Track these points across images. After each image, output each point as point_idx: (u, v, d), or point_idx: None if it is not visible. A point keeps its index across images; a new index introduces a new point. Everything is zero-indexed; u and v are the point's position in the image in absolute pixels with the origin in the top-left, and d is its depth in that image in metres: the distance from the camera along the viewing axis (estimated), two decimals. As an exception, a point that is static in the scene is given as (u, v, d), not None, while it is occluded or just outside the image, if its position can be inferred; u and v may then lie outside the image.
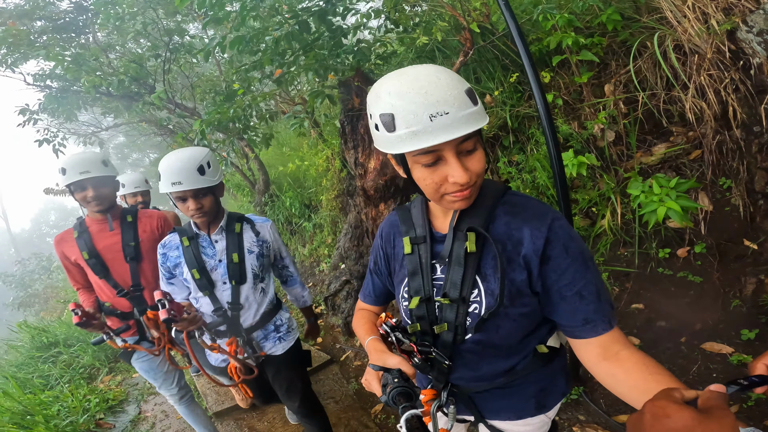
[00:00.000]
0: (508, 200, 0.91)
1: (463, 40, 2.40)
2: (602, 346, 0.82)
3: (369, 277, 1.20)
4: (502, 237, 0.87)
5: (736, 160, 2.20)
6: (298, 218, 5.86)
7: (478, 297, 0.89)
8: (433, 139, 0.72)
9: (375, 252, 1.14)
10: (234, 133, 3.45)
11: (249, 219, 1.77)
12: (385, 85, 0.78)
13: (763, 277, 2.09)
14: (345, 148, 3.50)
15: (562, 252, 0.83)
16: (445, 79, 0.74)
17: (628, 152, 2.69)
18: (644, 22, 2.20)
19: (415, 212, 1.02)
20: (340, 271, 4.57)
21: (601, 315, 0.82)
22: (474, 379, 1.01)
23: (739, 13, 1.73)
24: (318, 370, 3.22)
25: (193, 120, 6.08)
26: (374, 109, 0.79)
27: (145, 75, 5.06)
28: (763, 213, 2.14)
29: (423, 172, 0.80)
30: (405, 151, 0.76)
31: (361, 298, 1.24)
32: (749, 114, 1.93)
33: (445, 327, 0.92)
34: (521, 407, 1.03)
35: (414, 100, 0.72)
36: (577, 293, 0.83)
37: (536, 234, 0.84)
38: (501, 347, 0.95)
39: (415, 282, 0.97)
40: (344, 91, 2.87)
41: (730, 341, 2.06)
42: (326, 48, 2.42)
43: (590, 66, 2.49)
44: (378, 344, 1.00)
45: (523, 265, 0.85)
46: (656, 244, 2.53)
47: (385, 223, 1.13)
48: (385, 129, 0.76)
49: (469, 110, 0.74)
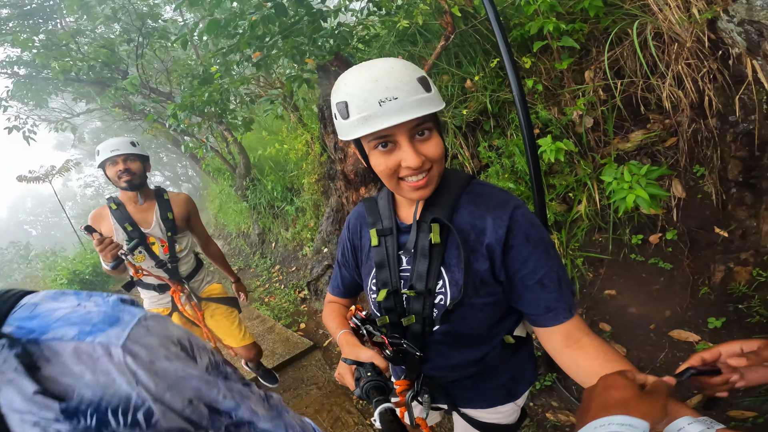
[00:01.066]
0: (471, 189, 0.92)
1: (445, 23, 2.33)
2: (564, 334, 0.85)
3: (337, 270, 1.19)
4: (465, 227, 0.88)
5: (711, 149, 2.22)
6: (281, 202, 5.78)
7: (443, 288, 0.90)
8: (382, 123, 0.75)
9: (342, 244, 1.14)
10: (211, 117, 3.33)
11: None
12: (344, 77, 0.82)
13: (732, 265, 2.15)
14: (324, 133, 3.43)
15: (523, 240, 0.84)
16: (398, 69, 0.78)
17: (606, 138, 2.70)
18: (626, 9, 2.16)
19: (382, 203, 1.03)
20: (322, 255, 4.56)
21: (563, 303, 0.85)
22: (446, 368, 1.03)
23: (721, 2, 1.70)
24: (301, 357, 3.25)
25: (168, 105, 5.87)
26: (333, 99, 0.83)
27: (117, 60, 5.02)
28: (735, 201, 2.19)
29: (378, 157, 0.82)
30: (357, 135, 0.78)
31: (330, 291, 1.24)
32: (725, 104, 1.94)
33: (413, 319, 0.93)
34: (492, 396, 1.06)
35: (365, 87, 0.76)
36: (539, 281, 0.85)
37: (498, 223, 0.85)
38: (469, 337, 0.96)
39: (382, 274, 0.97)
40: (323, 75, 2.77)
41: (698, 329, 2.13)
42: (305, 32, 2.31)
43: (571, 52, 2.45)
44: (350, 338, 1.00)
45: (486, 255, 0.86)
46: (630, 231, 2.58)
47: (351, 214, 1.12)
48: (340, 116, 0.80)
49: (419, 96, 0.76)
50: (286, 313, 4.40)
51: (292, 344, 3.42)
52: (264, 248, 6.71)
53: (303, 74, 2.44)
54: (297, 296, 4.69)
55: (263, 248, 6.75)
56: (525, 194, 2.79)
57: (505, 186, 2.79)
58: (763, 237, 2.09)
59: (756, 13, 1.51)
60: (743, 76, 1.77)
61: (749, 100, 1.80)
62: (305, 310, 4.38)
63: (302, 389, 2.82)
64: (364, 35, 3.01)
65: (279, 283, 5.44)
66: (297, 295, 4.72)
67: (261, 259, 6.54)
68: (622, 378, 0.60)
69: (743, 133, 1.94)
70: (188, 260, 2.35)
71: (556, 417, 2.08)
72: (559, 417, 2.08)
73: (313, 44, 2.29)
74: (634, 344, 2.26)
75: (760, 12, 1.49)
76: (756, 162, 2.00)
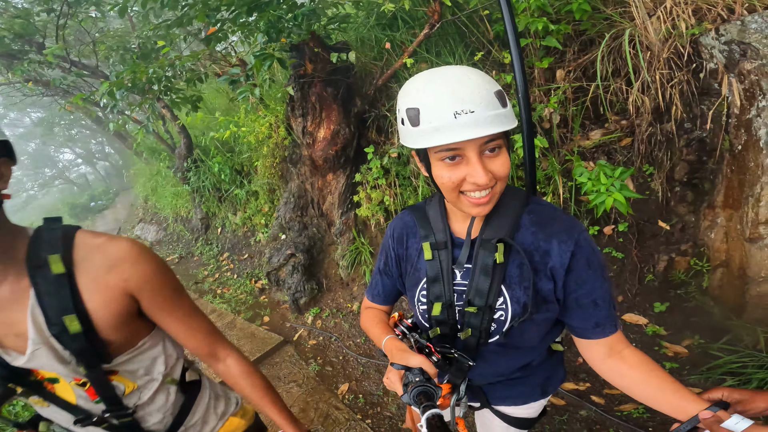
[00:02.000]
0: (533, 209, 0.93)
1: (431, 11, 2.26)
2: (608, 345, 0.90)
3: (378, 277, 1.17)
4: (529, 247, 0.89)
5: (662, 151, 2.47)
6: (228, 185, 5.39)
7: (504, 305, 0.91)
8: (455, 136, 0.72)
9: (385, 252, 1.12)
10: (153, 96, 2.95)
11: None
12: (415, 81, 0.79)
13: (674, 255, 2.45)
14: (292, 116, 3.21)
15: (584, 265, 0.87)
16: (475, 79, 0.75)
17: (570, 135, 2.87)
18: (607, 14, 2.27)
19: (433, 214, 1.00)
20: (281, 242, 4.36)
21: (611, 320, 0.90)
22: (491, 375, 1.06)
23: (711, 21, 1.85)
24: (272, 353, 3.11)
25: (94, 79, 5.10)
26: (402, 104, 0.80)
27: (33, 31, 4.37)
28: (678, 198, 2.47)
29: (443, 169, 0.79)
30: (426, 146, 0.76)
31: (369, 298, 1.22)
32: (686, 112, 2.16)
33: (470, 332, 0.94)
34: (528, 394, 1.11)
35: (440, 96, 0.73)
36: (593, 302, 0.89)
37: (564, 248, 0.86)
38: (523, 348, 1.00)
39: (435, 288, 0.96)
40: (296, 55, 2.57)
41: (645, 313, 2.41)
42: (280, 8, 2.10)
43: (547, 50, 2.54)
44: (398, 343, 0.99)
45: (550, 276, 0.88)
46: (588, 222, 2.80)
47: (396, 223, 1.09)
48: (410, 123, 0.77)
49: (496, 111, 0.74)
50: (245, 305, 4.17)
51: (259, 340, 3.26)
52: (209, 234, 6.25)
53: (275, 53, 2.23)
54: (254, 286, 4.46)
55: (208, 234, 6.28)
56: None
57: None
58: (702, 231, 2.39)
59: (749, 36, 1.67)
60: (711, 89, 1.97)
61: (708, 111, 2.02)
62: (266, 301, 4.19)
63: (281, 388, 2.71)
64: (335, 14, 2.82)
65: (230, 272, 5.13)
66: (253, 285, 4.49)
67: (206, 246, 6.10)
68: None
69: (696, 140, 2.17)
70: (159, 402, 1.00)
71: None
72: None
73: (294, 20, 2.09)
74: (594, 327, 2.50)
75: (753, 35, 1.65)
76: (702, 165, 2.27)
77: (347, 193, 3.57)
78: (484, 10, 2.45)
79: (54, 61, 3.81)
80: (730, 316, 2.11)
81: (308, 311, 3.65)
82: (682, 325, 2.27)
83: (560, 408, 2.15)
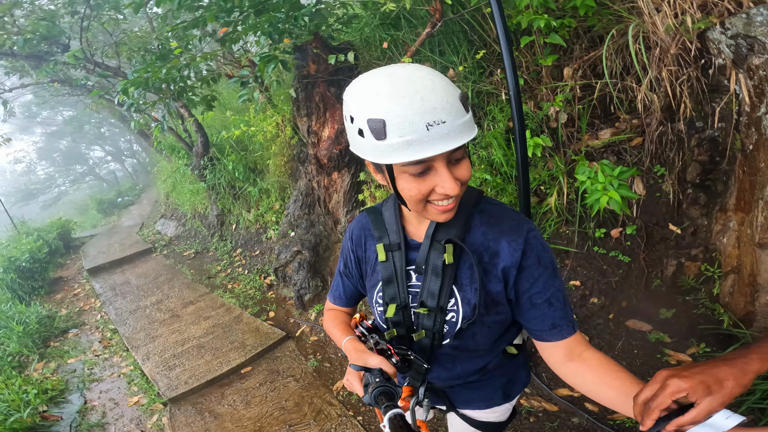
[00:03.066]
0: (483, 209, 0.92)
1: (433, 10, 2.25)
2: (567, 348, 0.88)
3: (339, 279, 1.17)
4: (478, 248, 0.88)
5: (674, 151, 2.37)
6: (242, 182, 5.51)
7: (455, 306, 0.90)
8: (430, 150, 0.67)
9: (345, 254, 1.11)
10: (168, 95, 3.05)
11: None
12: (373, 85, 0.69)
13: (683, 260, 2.35)
14: (297, 116, 3.26)
15: (535, 262, 0.86)
16: (440, 84, 0.69)
17: (578, 135, 2.80)
18: (614, 10, 2.20)
19: (388, 216, 0.99)
20: (290, 239, 4.43)
21: (567, 321, 0.88)
22: (449, 378, 1.06)
23: (718, 14, 1.77)
24: (274, 348, 3.17)
25: (117, 80, 5.32)
26: (358, 112, 0.70)
27: (58, 33, 4.56)
28: (690, 201, 2.37)
29: (410, 182, 0.75)
30: (398, 161, 0.69)
31: (331, 300, 1.22)
32: (696, 110, 2.07)
33: (423, 334, 0.94)
34: (490, 398, 1.11)
35: (410, 105, 0.65)
36: (547, 300, 0.87)
37: (514, 246, 0.85)
38: (476, 351, 0.99)
39: (390, 289, 0.96)
40: (299, 56, 2.61)
41: (650, 319, 2.32)
42: (282, 8, 2.14)
43: (554, 48, 2.48)
44: (357, 344, 0.99)
45: (500, 277, 0.87)
46: (594, 224, 2.72)
47: (354, 225, 1.08)
48: (373, 136, 0.68)
49: (463, 119, 0.70)
50: (253, 300, 4.26)
51: (263, 335, 3.33)
52: (223, 230, 6.41)
53: (278, 54, 2.27)
54: (263, 282, 4.54)
55: (222, 230, 6.44)
56: (500, 186, 2.84)
57: (481, 177, 2.83)
58: (714, 235, 2.28)
59: (754, 29, 1.59)
60: (720, 86, 1.88)
61: (720, 108, 1.92)
62: (273, 297, 4.27)
63: (279, 382, 2.76)
64: (343, 15, 2.85)
65: (242, 268, 5.25)
66: (262, 281, 4.57)
67: (220, 242, 6.25)
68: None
69: (708, 139, 2.08)
70: None
71: (530, 403, 2.21)
72: (532, 403, 2.21)
73: (294, 22, 2.12)
74: (595, 333, 2.43)
75: (759, 28, 1.57)
76: (715, 166, 2.17)
77: (352, 192, 3.59)
78: (487, 8, 2.41)
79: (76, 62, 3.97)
80: (739, 325, 2.01)
81: (312, 308, 3.70)
82: (687, 333, 2.18)
83: (552, 414, 2.11)
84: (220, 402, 2.81)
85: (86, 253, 7.75)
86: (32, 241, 7.03)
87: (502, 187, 2.84)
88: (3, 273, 5.97)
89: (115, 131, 17.55)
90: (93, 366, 3.82)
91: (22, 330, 4.37)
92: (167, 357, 3.49)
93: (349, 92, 0.74)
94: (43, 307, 5.20)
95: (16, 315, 4.71)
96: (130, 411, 3.00)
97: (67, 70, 5.09)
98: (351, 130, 0.75)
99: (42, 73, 4.49)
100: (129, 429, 2.85)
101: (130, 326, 4.36)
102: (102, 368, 3.77)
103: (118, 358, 3.88)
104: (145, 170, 16.74)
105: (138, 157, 19.02)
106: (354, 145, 0.78)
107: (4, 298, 5.73)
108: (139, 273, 6.23)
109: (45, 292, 6.28)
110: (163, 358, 3.49)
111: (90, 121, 15.28)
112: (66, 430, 2.93)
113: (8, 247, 6.98)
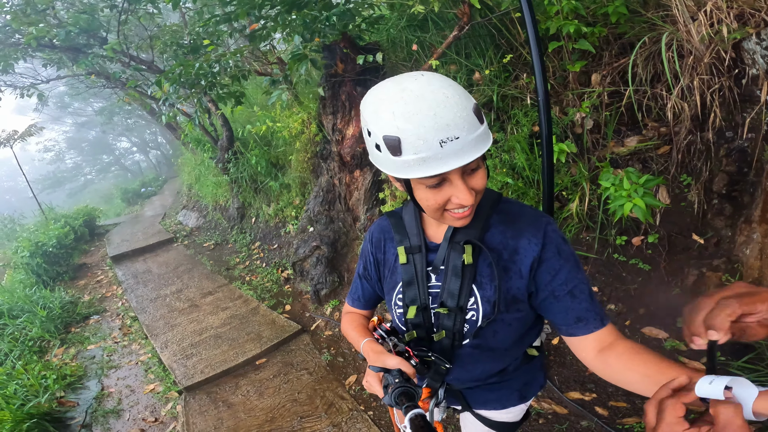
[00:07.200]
0: (502, 209, 0.93)
1: (461, 13, 2.28)
2: (597, 341, 0.86)
3: (358, 282, 1.19)
4: (497, 246, 0.90)
5: (701, 161, 2.35)
6: (264, 177, 5.63)
7: (475, 305, 0.92)
8: (443, 166, 0.70)
9: (364, 257, 1.13)
10: (200, 90, 3.16)
11: None
12: (386, 102, 0.72)
13: (705, 270, 2.32)
14: (323, 113, 3.34)
15: (555, 254, 0.87)
16: (454, 98, 0.70)
17: (603, 141, 2.78)
18: (647, 18, 2.19)
19: (408, 219, 1.01)
20: (308, 234, 4.52)
21: (593, 314, 0.86)
22: (468, 380, 1.07)
23: (754, 25, 1.76)
24: (289, 341, 3.23)
25: (150, 74, 5.50)
26: (375, 128, 0.74)
27: (97, 26, 4.69)
28: (715, 211, 2.34)
29: (426, 193, 0.78)
30: (412, 177, 0.73)
31: (349, 303, 1.23)
32: (727, 120, 2.05)
33: (443, 334, 0.95)
34: (506, 399, 1.12)
35: (422, 123, 0.68)
36: (570, 293, 0.86)
37: (533, 241, 0.87)
38: (497, 350, 0.99)
39: (410, 291, 0.98)
40: (328, 56, 2.68)
41: (667, 327, 2.30)
42: (316, 7, 2.20)
43: (582, 54, 2.48)
44: (375, 346, 1.00)
45: (520, 274, 0.88)
46: (615, 232, 2.71)
47: (374, 228, 1.10)
48: (389, 152, 0.72)
49: (477, 132, 0.71)
50: (270, 293, 4.35)
51: (279, 327, 3.40)
52: (243, 223, 6.56)
53: (309, 53, 2.33)
54: (280, 276, 4.64)
55: (242, 223, 6.59)
56: (521, 190, 2.85)
57: (502, 180, 2.85)
58: (737, 246, 2.25)
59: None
60: (753, 96, 1.86)
61: (751, 119, 1.91)
62: (289, 291, 4.35)
63: (292, 374, 2.81)
64: (370, 15, 2.90)
65: (260, 261, 5.36)
66: (280, 274, 4.67)
67: (240, 234, 6.40)
68: None
69: (737, 149, 2.06)
70: None
71: (540, 405, 2.22)
72: (542, 405, 2.22)
73: (326, 21, 2.18)
74: (612, 339, 2.42)
75: None
76: (742, 177, 2.14)
77: (373, 190, 3.65)
78: (516, 12, 2.43)
79: (113, 55, 4.11)
80: (762, 338, 1.98)
81: (328, 303, 3.76)
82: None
83: (562, 417, 2.11)
84: (234, 392, 2.86)
85: (110, 241, 7.96)
86: (60, 227, 7.20)
87: (523, 191, 2.84)
88: (30, 257, 6.06)
89: (141, 123, 18.06)
90: (112, 353, 3.88)
91: (46, 315, 4.40)
92: (185, 346, 3.55)
93: (365, 105, 0.77)
94: (66, 293, 5.26)
95: (40, 300, 4.75)
96: (145, 398, 3.06)
97: (104, 63, 5.26)
98: (369, 143, 0.79)
99: (81, 65, 4.66)
100: (143, 416, 2.89)
101: (150, 314, 4.43)
102: (121, 355, 3.82)
103: (136, 345, 3.94)
104: (169, 162, 17.16)
105: (162, 149, 19.52)
106: (373, 157, 0.81)
107: (29, 282, 5.82)
108: (160, 262, 6.38)
109: (69, 277, 6.37)
110: (181, 347, 3.54)
111: (119, 113, 15.75)
112: (82, 415, 2.98)
113: (36, 232, 7.16)
